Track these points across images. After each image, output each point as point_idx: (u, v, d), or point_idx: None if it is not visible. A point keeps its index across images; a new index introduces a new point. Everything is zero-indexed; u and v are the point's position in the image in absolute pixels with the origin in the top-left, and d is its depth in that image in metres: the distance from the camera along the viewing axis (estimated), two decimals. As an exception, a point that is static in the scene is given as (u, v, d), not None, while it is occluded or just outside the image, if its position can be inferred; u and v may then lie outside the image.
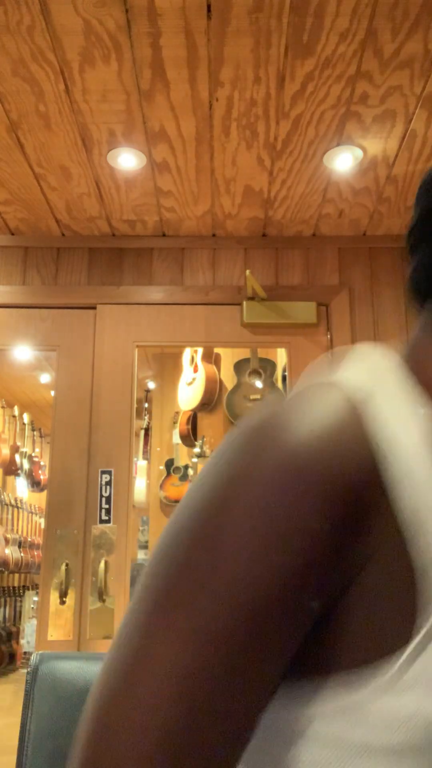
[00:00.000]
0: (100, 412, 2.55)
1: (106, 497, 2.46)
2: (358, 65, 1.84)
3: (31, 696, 0.87)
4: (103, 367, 2.61)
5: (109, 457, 2.50)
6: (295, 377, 2.63)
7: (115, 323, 2.65)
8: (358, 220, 2.65)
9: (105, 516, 2.45)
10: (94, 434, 2.53)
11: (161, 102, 1.98)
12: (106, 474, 2.48)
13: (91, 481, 2.49)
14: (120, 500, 2.47)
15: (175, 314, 2.68)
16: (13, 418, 6.07)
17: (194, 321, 2.67)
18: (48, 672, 0.88)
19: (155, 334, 2.67)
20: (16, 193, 2.46)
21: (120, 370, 2.61)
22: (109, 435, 2.53)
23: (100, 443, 2.52)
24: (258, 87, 1.92)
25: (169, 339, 2.68)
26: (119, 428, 2.54)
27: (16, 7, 1.66)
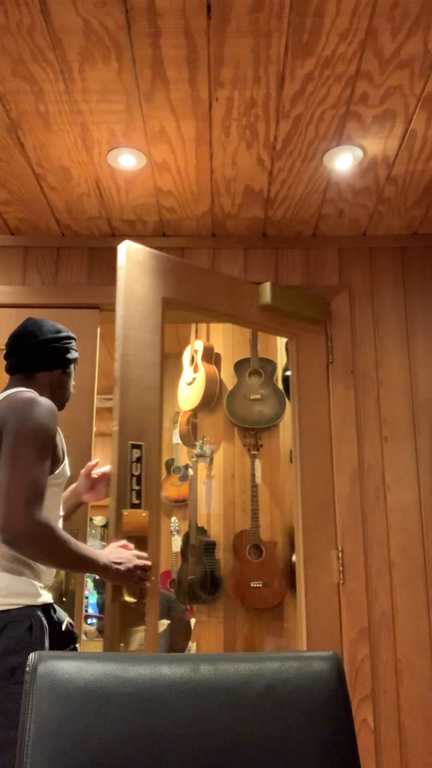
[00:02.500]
0: (129, 376, 2.12)
1: (136, 477, 2.05)
2: (358, 65, 1.84)
3: (31, 696, 0.87)
4: (128, 320, 2.15)
5: (139, 430, 2.11)
6: (300, 374, 2.63)
7: (141, 270, 2.22)
8: (358, 220, 2.65)
9: (136, 499, 2.04)
10: (123, 402, 2.09)
11: (161, 102, 1.98)
12: (136, 449, 2.08)
13: (121, 459, 2.06)
14: (151, 482, 2.09)
15: (203, 279, 2.45)
16: (14, 418, 6.05)
17: (220, 292, 2.48)
18: (47, 672, 0.88)
19: (183, 293, 2.35)
20: (16, 193, 2.46)
21: (146, 326, 2.20)
22: (138, 403, 2.13)
23: (129, 412, 2.10)
24: (258, 87, 1.92)
25: (196, 302, 2.38)
26: (147, 396, 2.16)
27: (16, 7, 1.66)
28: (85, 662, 0.90)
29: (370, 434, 2.59)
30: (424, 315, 2.71)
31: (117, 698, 0.88)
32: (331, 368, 2.66)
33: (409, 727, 2.35)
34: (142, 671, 0.91)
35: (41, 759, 0.82)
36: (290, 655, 0.97)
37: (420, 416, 2.61)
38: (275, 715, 0.90)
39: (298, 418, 2.58)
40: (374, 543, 2.49)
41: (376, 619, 2.42)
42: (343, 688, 0.94)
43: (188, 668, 0.92)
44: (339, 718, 0.91)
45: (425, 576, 2.47)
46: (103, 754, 0.84)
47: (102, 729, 0.85)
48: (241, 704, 0.90)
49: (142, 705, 0.88)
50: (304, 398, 2.60)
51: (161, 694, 0.89)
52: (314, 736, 0.89)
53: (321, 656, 0.97)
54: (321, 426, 2.59)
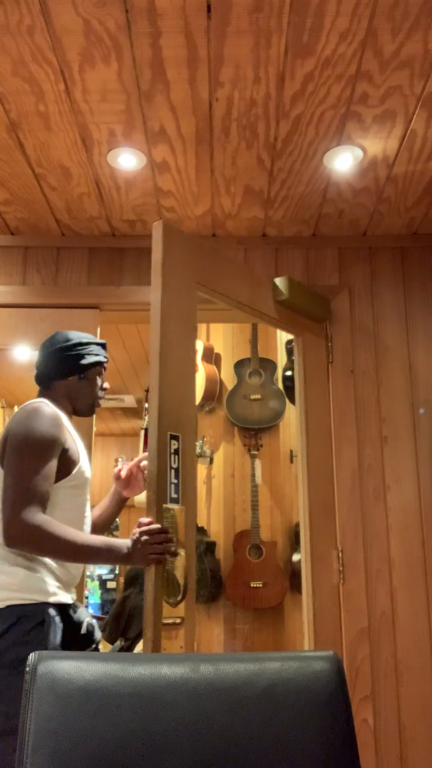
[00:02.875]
0: (168, 362, 1.98)
1: (175, 469, 1.92)
2: (358, 65, 1.84)
3: (31, 695, 0.87)
4: (166, 303, 2.01)
5: (176, 421, 1.97)
6: (307, 372, 2.63)
7: (179, 255, 2.09)
8: (358, 220, 2.65)
9: (174, 494, 1.89)
10: (163, 392, 1.95)
11: (161, 102, 1.98)
12: (174, 440, 1.94)
13: (160, 451, 1.92)
14: (187, 476, 1.96)
15: (228, 268, 2.37)
16: (14, 418, 6.06)
17: (240, 281, 2.40)
18: (47, 671, 0.88)
19: (210, 280, 2.22)
20: (16, 193, 2.47)
21: (182, 312, 2.07)
22: (175, 392, 1.99)
23: (167, 403, 1.96)
24: (258, 87, 1.92)
25: (222, 291, 2.27)
26: (183, 386, 2.03)
27: (16, 7, 1.66)
28: (85, 662, 0.90)
29: (370, 434, 2.59)
30: (424, 315, 2.71)
31: (117, 698, 0.88)
32: (331, 368, 2.65)
33: (409, 726, 2.35)
34: (142, 671, 0.91)
35: (41, 759, 0.82)
36: (290, 655, 0.97)
37: (420, 416, 2.61)
38: (275, 715, 0.90)
39: (304, 417, 2.56)
40: (374, 543, 2.49)
41: (376, 619, 2.43)
42: (343, 688, 0.94)
43: (188, 668, 0.92)
44: (339, 718, 0.91)
45: (425, 576, 2.47)
46: (103, 754, 0.84)
47: (102, 729, 0.85)
48: (241, 704, 0.90)
49: (142, 705, 0.88)
50: (310, 397, 2.59)
51: (161, 694, 0.89)
52: (314, 736, 0.89)
53: (321, 656, 0.97)
54: (321, 426, 2.59)
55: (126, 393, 5.69)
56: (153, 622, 1.75)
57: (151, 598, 1.76)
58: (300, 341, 2.61)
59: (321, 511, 2.51)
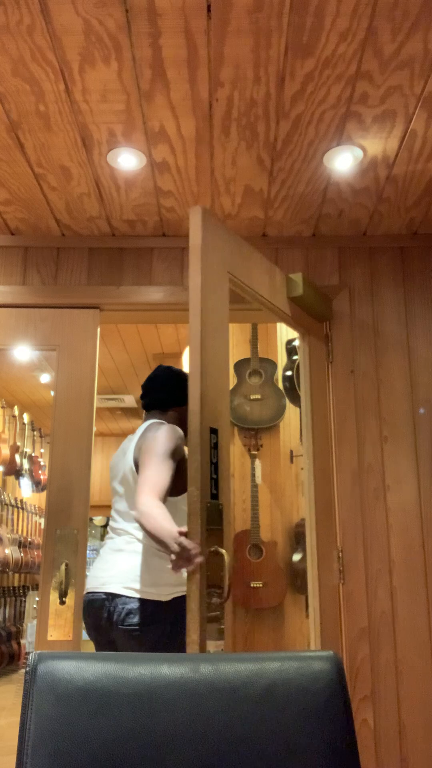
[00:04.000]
0: (207, 354, 1.91)
1: (214, 464, 1.85)
2: (358, 65, 1.84)
3: (31, 696, 0.87)
4: (205, 295, 1.94)
5: (214, 415, 1.89)
6: (312, 371, 2.62)
7: (212, 245, 2.02)
8: (358, 220, 2.65)
9: (214, 489, 1.83)
10: (204, 383, 1.87)
11: (161, 102, 1.98)
12: (213, 435, 1.87)
13: (203, 445, 1.83)
14: (223, 472, 1.89)
15: (254, 261, 2.32)
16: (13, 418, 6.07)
17: (264, 277, 2.36)
18: (47, 672, 0.88)
19: (240, 270, 2.17)
20: (16, 193, 2.47)
21: (218, 298, 2.01)
22: (214, 387, 1.91)
23: (209, 394, 1.88)
24: (258, 87, 1.92)
25: (247, 282, 2.20)
26: (219, 381, 1.96)
27: (16, 7, 1.66)
28: (85, 662, 0.90)
29: (370, 434, 2.59)
30: (424, 315, 2.71)
31: (117, 698, 0.88)
32: (331, 368, 2.65)
33: (409, 726, 2.35)
34: (142, 671, 0.91)
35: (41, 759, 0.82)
36: (290, 655, 0.97)
37: (420, 416, 2.61)
38: (275, 715, 0.90)
39: (310, 417, 2.56)
40: (374, 543, 2.49)
41: (376, 619, 2.42)
42: (343, 688, 0.94)
43: (188, 668, 0.92)
44: (339, 718, 0.91)
45: (425, 576, 2.47)
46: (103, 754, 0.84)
47: (102, 729, 0.85)
48: (241, 704, 0.90)
49: (142, 705, 0.88)
50: (315, 397, 2.58)
51: (161, 694, 0.89)
52: (314, 736, 0.89)
53: (321, 656, 0.97)
54: (321, 426, 2.59)
55: (126, 393, 5.69)
56: (199, 623, 1.69)
57: (196, 598, 1.70)
58: (306, 341, 2.60)
59: (320, 511, 2.51)
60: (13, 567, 5.95)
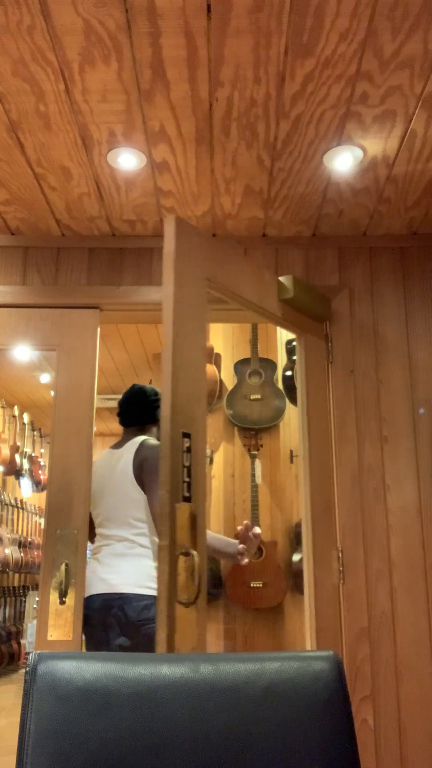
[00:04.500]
0: (181, 359, 1.99)
1: (187, 468, 1.92)
2: (358, 65, 1.84)
3: (31, 696, 0.87)
4: (178, 301, 2.01)
5: (188, 419, 1.96)
6: (308, 372, 2.62)
7: (188, 252, 2.08)
8: (358, 220, 2.65)
9: (187, 492, 1.89)
10: (175, 388, 1.95)
11: (161, 102, 1.98)
12: (186, 438, 1.93)
13: (174, 448, 1.91)
14: (198, 475, 1.95)
15: (240, 265, 2.35)
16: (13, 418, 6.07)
17: (250, 280, 2.38)
18: (47, 672, 0.88)
19: (222, 277, 2.21)
20: (16, 193, 2.47)
21: (194, 305, 2.07)
22: (186, 391, 1.98)
23: (180, 399, 1.95)
24: (258, 87, 1.92)
25: (230, 285, 2.25)
26: (193, 384, 2.02)
27: (16, 7, 1.66)
28: (85, 662, 0.90)
29: (370, 434, 2.59)
30: (424, 315, 2.71)
31: (117, 698, 0.88)
32: (331, 368, 2.65)
33: (409, 727, 2.35)
34: (142, 671, 0.91)
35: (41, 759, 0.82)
36: (290, 655, 0.97)
37: (420, 416, 2.61)
38: (275, 715, 0.90)
39: (306, 417, 2.56)
40: (374, 543, 2.49)
41: (376, 619, 2.42)
42: (343, 688, 0.94)
43: (188, 668, 0.92)
44: (339, 718, 0.91)
45: (425, 576, 2.47)
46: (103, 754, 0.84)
47: (102, 729, 0.85)
48: (241, 704, 0.90)
49: (142, 705, 0.88)
50: (312, 397, 2.59)
51: (161, 694, 0.89)
52: (314, 736, 0.89)
53: (321, 656, 0.97)
54: (321, 426, 2.59)
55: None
56: (167, 623, 1.71)
57: (164, 598, 1.73)
58: (302, 341, 2.60)
59: (320, 511, 2.51)
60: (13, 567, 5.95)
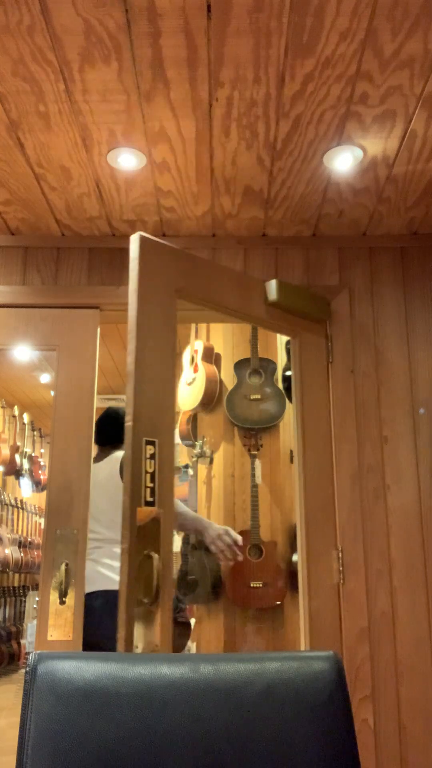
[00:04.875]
0: (144, 372, 2.09)
1: (150, 474, 2.01)
2: (358, 65, 1.84)
3: (31, 695, 0.87)
4: (142, 312, 2.11)
5: (153, 426, 2.06)
6: (303, 373, 2.63)
7: (157, 262, 2.19)
8: (358, 220, 2.65)
9: (150, 497, 1.99)
10: (138, 399, 2.05)
11: (161, 102, 1.98)
12: (150, 445, 2.03)
13: (135, 456, 2.01)
14: (164, 480, 2.06)
15: (214, 273, 2.42)
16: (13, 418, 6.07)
17: (229, 287, 2.44)
18: (47, 671, 0.88)
19: (194, 287, 2.31)
20: (16, 193, 2.46)
21: (160, 320, 2.16)
22: (153, 399, 2.08)
23: (144, 409, 2.06)
24: (258, 87, 1.92)
25: (207, 297, 2.33)
26: (161, 392, 2.12)
27: (16, 7, 1.66)
28: (85, 662, 0.90)
29: (370, 434, 2.59)
30: (424, 315, 2.71)
31: (117, 698, 0.88)
32: (331, 368, 2.65)
33: (409, 727, 2.35)
34: (142, 671, 0.91)
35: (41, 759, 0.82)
36: (290, 655, 0.97)
37: (420, 416, 2.61)
38: (275, 715, 0.90)
39: (300, 417, 2.58)
40: (374, 543, 2.49)
41: (376, 619, 2.42)
42: (343, 688, 0.94)
43: (188, 668, 0.92)
44: (339, 718, 0.91)
45: (425, 576, 2.47)
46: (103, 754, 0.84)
47: (102, 729, 0.85)
48: (241, 704, 0.90)
49: (142, 705, 0.88)
50: (307, 398, 2.60)
51: (161, 694, 0.89)
52: (314, 736, 0.89)
53: (321, 656, 0.97)
54: (321, 426, 2.59)
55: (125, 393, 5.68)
56: (126, 621, 1.81)
57: (123, 598, 1.83)
58: (296, 342, 2.61)
59: (320, 511, 2.51)
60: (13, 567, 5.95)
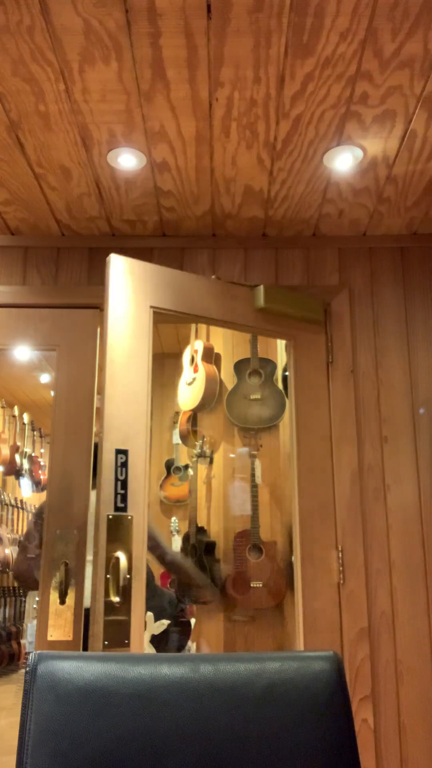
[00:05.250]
0: (115, 385, 2.23)
1: (121, 481, 2.16)
2: (358, 65, 1.84)
3: (31, 695, 0.87)
4: (116, 331, 2.27)
5: (124, 436, 2.21)
6: (298, 374, 2.63)
7: (131, 282, 2.32)
8: (358, 220, 2.65)
9: (120, 503, 2.14)
10: (108, 410, 2.21)
11: (161, 102, 1.98)
12: (122, 454, 2.19)
13: (106, 464, 2.18)
14: (137, 486, 2.18)
15: (193, 287, 2.51)
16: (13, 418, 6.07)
17: (210, 298, 2.53)
18: (47, 671, 0.88)
19: (171, 301, 2.42)
20: (16, 193, 2.46)
21: (135, 336, 2.31)
22: (124, 410, 2.22)
23: (115, 420, 2.21)
24: (258, 87, 1.92)
25: (185, 309, 2.45)
26: (135, 404, 2.25)
27: (16, 7, 1.66)
28: (85, 662, 0.90)
29: (370, 434, 2.59)
30: (424, 315, 2.71)
31: (117, 698, 0.88)
32: (331, 368, 2.66)
33: (409, 727, 2.35)
34: (142, 671, 0.91)
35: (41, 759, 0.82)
36: (290, 655, 0.97)
37: (420, 416, 2.61)
38: (275, 715, 0.90)
39: (295, 418, 2.58)
40: (374, 543, 2.49)
41: (376, 619, 2.42)
42: (343, 688, 0.94)
43: (188, 668, 0.92)
44: (339, 718, 0.91)
45: (425, 576, 2.47)
46: (103, 754, 0.84)
47: (102, 729, 0.85)
48: (241, 704, 0.90)
49: (142, 705, 0.88)
50: (302, 399, 2.60)
51: (161, 694, 0.89)
52: (314, 736, 0.89)
53: (321, 656, 0.97)
54: (321, 426, 2.59)
55: None
56: (98, 619, 1.99)
57: (96, 597, 2.01)
58: (291, 345, 2.64)
59: (319, 511, 2.51)
60: (13, 567, 5.94)
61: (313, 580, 2.44)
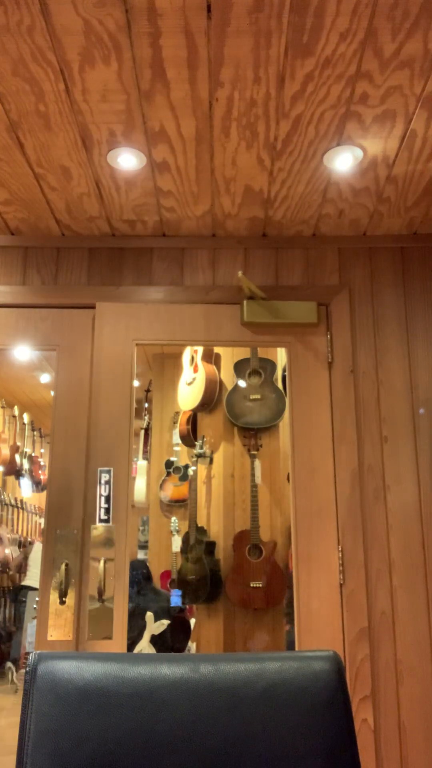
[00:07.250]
0: (99, 411, 2.56)
1: (105, 496, 2.48)
2: (358, 65, 1.84)
3: (31, 695, 0.87)
4: (102, 365, 2.61)
5: (108, 456, 2.52)
6: (295, 377, 2.63)
7: (115, 321, 2.66)
8: (358, 220, 2.65)
9: (104, 515, 2.47)
10: (93, 433, 2.54)
11: (161, 102, 1.98)
12: (105, 473, 2.50)
13: (90, 481, 2.50)
14: (119, 499, 2.49)
15: (175, 314, 2.68)
16: (13, 418, 6.07)
17: (194, 321, 2.67)
18: (46, 671, 0.88)
19: (155, 332, 2.67)
20: (16, 193, 2.46)
21: (119, 369, 2.61)
22: (108, 434, 2.54)
23: (99, 442, 2.53)
24: (258, 87, 1.92)
25: (168, 338, 2.68)
26: (118, 427, 2.55)
27: (16, 7, 1.66)
28: (85, 662, 0.90)
29: (370, 434, 2.59)
30: (424, 315, 2.71)
31: (117, 698, 0.88)
32: (331, 368, 2.66)
33: (409, 727, 2.35)
34: (142, 671, 0.91)
35: (41, 759, 0.82)
36: (290, 655, 0.97)
37: (420, 416, 2.61)
38: (275, 715, 0.90)
39: (295, 418, 2.59)
40: (374, 543, 2.49)
41: (376, 619, 2.42)
42: (343, 688, 0.94)
43: (188, 668, 0.92)
44: (339, 718, 0.91)
45: (425, 576, 2.47)
46: (103, 754, 0.84)
47: (102, 729, 0.85)
48: (241, 704, 0.90)
49: (142, 705, 0.88)
50: (302, 399, 2.61)
51: (161, 694, 0.89)
52: (314, 736, 0.89)
53: (321, 656, 0.97)
54: (321, 426, 2.59)
55: None
56: (84, 615, 2.40)
57: (79, 597, 2.39)
58: (287, 350, 2.69)
59: (319, 511, 2.51)
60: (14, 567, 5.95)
61: (312, 579, 2.44)
